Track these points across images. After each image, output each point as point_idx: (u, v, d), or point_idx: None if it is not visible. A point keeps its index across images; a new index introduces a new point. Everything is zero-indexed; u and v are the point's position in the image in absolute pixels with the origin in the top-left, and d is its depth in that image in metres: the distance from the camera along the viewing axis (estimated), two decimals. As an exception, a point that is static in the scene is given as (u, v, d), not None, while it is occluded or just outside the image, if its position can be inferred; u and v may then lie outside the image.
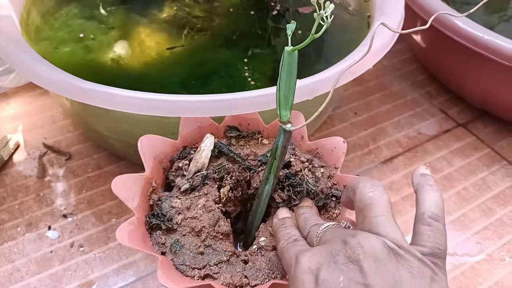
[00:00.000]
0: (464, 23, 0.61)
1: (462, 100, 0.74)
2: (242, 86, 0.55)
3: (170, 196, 0.39)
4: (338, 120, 0.70)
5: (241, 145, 0.44)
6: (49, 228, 0.53)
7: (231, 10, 0.67)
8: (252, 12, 0.66)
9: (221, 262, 0.36)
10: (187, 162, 0.41)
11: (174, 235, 0.37)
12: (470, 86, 0.70)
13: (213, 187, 0.40)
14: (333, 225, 0.33)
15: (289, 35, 0.31)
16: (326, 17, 0.28)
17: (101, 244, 0.52)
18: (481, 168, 0.64)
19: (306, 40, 0.30)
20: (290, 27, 0.31)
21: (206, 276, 0.35)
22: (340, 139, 0.43)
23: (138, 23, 0.65)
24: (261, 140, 0.45)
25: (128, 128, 0.51)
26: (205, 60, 0.59)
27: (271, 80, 0.55)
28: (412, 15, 0.68)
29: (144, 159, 0.40)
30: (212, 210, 0.38)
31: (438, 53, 0.72)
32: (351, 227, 0.34)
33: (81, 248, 0.51)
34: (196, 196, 0.39)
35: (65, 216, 0.54)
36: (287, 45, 0.32)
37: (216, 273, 0.35)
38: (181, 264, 0.35)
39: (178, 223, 0.37)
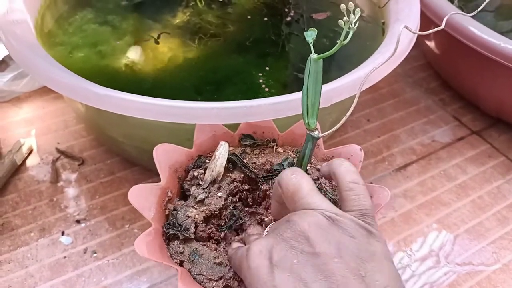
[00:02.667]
0: (479, 30, 0.61)
1: (476, 108, 0.74)
2: (256, 92, 0.54)
3: (186, 206, 0.39)
4: (351, 127, 0.69)
5: (256, 153, 0.43)
6: (63, 233, 0.53)
7: (245, 16, 0.67)
8: (265, 19, 0.66)
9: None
10: (202, 171, 0.41)
11: (192, 244, 0.37)
12: (484, 94, 0.69)
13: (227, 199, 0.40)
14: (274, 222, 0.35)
15: (311, 43, 0.31)
16: (354, 23, 0.28)
17: (115, 250, 0.51)
18: (496, 177, 0.64)
19: (335, 47, 0.30)
20: (311, 35, 0.31)
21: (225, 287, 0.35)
22: (356, 147, 0.43)
23: (152, 28, 0.65)
24: (276, 149, 0.44)
25: (143, 134, 0.51)
26: (219, 66, 0.59)
27: (286, 87, 0.55)
28: (426, 21, 0.67)
29: (159, 168, 0.40)
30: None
31: (451, 60, 0.72)
32: None
33: (95, 254, 0.51)
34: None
35: (78, 221, 0.54)
36: (309, 52, 0.32)
37: (236, 285, 0.35)
38: (199, 274, 0.35)
39: (195, 232, 0.37)
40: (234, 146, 0.44)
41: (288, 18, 0.66)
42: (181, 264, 0.36)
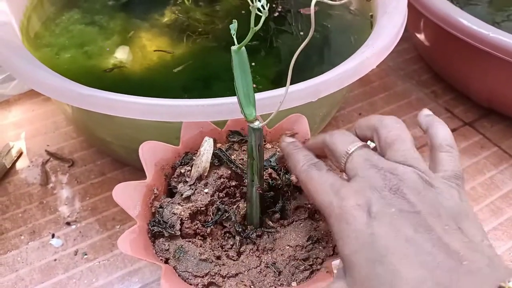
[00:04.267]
0: (469, 21, 0.60)
1: (468, 99, 0.73)
2: (244, 89, 0.54)
3: (172, 203, 0.38)
4: (342, 121, 0.69)
5: (244, 150, 0.43)
6: (53, 236, 0.52)
7: (232, 12, 0.66)
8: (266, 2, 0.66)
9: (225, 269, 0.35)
10: (189, 168, 0.40)
11: (178, 241, 0.36)
12: (476, 85, 0.69)
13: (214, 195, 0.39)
14: (362, 145, 0.33)
15: (233, 34, 0.30)
16: (263, 7, 0.28)
17: (106, 252, 0.51)
18: (489, 167, 0.63)
19: (248, 35, 0.29)
20: (233, 27, 0.31)
21: (210, 284, 0.34)
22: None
23: (139, 27, 0.64)
24: (264, 145, 0.44)
25: (131, 134, 0.50)
26: (207, 64, 0.59)
27: (274, 82, 0.55)
28: (415, 14, 0.67)
29: (145, 166, 0.39)
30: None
31: (442, 51, 0.72)
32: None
33: (85, 256, 0.51)
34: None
35: (68, 223, 0.54)
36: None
37: (221, 281, 0.34)
38: (184, 271, 0.34)
39: (180, 229, 0.36)
40: (222, 143, 0.44)
41: (276, 14, 0.66)
42: (166, 261, 0.35)
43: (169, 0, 0.69)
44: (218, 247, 0.38)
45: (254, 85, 0.54)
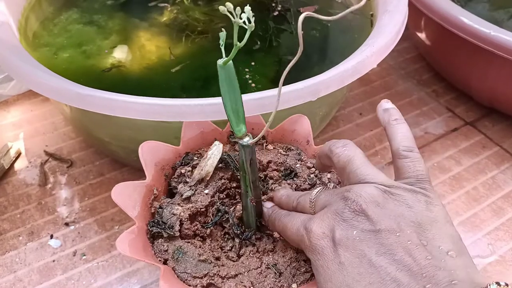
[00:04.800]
0: (470, 19, 0.60)
1: (469, 98, 0.73)
2: (243, 88, 0.53)
3: (172, 203, 0.38)
4: (343, 121, 0.68)
5: None
6: (51, 236, 0.52)
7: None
8: (252, 14, 0.65)
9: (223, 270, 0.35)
10: (189, 168, 0.40)
11: (177, 241, 0.36)
12: (477, 84, 0.68)
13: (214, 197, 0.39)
14: (322, 188, 0.34)
15: (222, 46, 0.29)
16: (249, 20, 0.27)
17: (104, 252, 0.51)
18: (490, 167, 0.63)
19: (233, 50, 0.28)
20: (222, 36, 0.30)
21: (209, 285, 0.34)
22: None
23: (138, 27, 0.64)
24: (266, 146, 0.44)
25: (130, 134, 0.50)
26: (206, 63, 0.58)
27: (273, 82, 0.54)
28: (416, 12, 0.66)
29: (145, 166, 0.39)
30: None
31: (443, 50, 0.71)
32: (337, 186, 0.38)
33: (84, 257, 0.50)
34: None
35: (67, 224, 0.53)
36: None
37: (221, 282, 0.34)
38: (183, 272, 0.34)
39: (180, 230, 0.36)
40: (223, 143, 0.43)
41: (275, 13, 0.66)
42: (165, 262, 0.35)
43: (168, -1, 0.68)
44: (218, 248, 0.37)
45: (253, 85, 0.53)
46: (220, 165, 0.40)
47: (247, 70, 0.56)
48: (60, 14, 0.64)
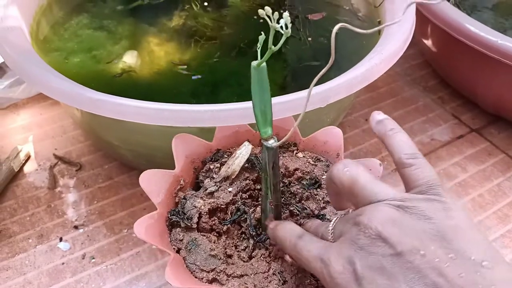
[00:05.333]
0: (477, 27, 0.60)
1: (475, 105, 0.73)
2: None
3: (195, 196, 0.39)
4: (349, 127, 0.69)
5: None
6: (61, 239, 0.53)
7: (240, 18, 0.67)
8: (261, 20, 0.66)
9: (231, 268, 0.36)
10: (218, 165, 0.41)
11: (193, 233, 0.37)
12: (483, 91, 0.69)
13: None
14: (338, 217, 0.33)
15: (259, 49, 0.30)
16: (286, 26, 0.27)
17: (113, 255, 0.51)
18: (496, 174, 0.63)
19: (266, 54, 0.29)
20: (260, 40, 0.30)
21: (213, 280, 0.35)
22: (376, 162, 0.40)
23: (147, 32, 0.65)
24: (296, 153, 0.44)
25: (139, 138, 0.51)
26: (215, 69, 0.59)
27: (282, 88, 0.55)
28: (423, 19, 0.67)
29: (176, 156, 0.40)
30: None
31: (449, 58, 0.72)
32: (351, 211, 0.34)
33: (93, 260, 0.51)
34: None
35: (76, 227, 0.54)
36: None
37: (225, 279, 0.35)
38: (192, 263, 0.35)
39: (198, 223, 0.37)
40: (256, 145, 0.44)
41: (284, 19, 0.66)
42: (178, 251, 0.36)
43: (177, 5, 0.69)
44: (232, 246, 0.38)
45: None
46: (247, 165, 0.41)
47: (255, 75, 0.56)
48: (71, 19, 0.65)
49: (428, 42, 0.74)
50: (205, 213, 0.38)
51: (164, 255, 0.51)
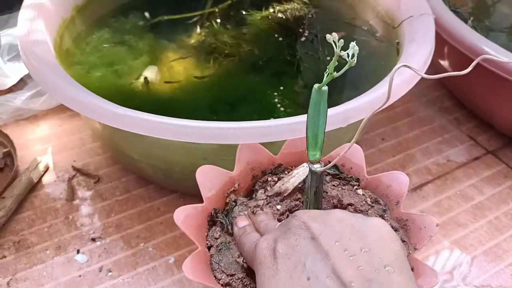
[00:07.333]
0: (494, 50, 0.60)
1: (491, 127, 0.73)
2: (271, 112, 0.55)
3: (245, 204, 0.40)
4: (365, 146, 0.69)
5: (333, 185, 0.42)
6: (78, 251, 0.53)
7: (259, 36, 0.67)
8: (280, 39, 0.67)
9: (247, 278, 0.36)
10: (276, 179, 0.42)
11: (229, 237, 0.38)
12: (499, 113, 0.69)
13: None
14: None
15: (326, 72, 0.31)
16: (353, 55, 0.28)
17: (130, 269, 0.51)
18: (512, 197, 0.63)
19: (326, 78, 0.29)
20: (331, 66, 0.31)
21: (227, 285, 0.35)
22: (433, 221, 0.38)
23: (167, 48, 0.66)
24: (356, 189, 0.42)
25: (159, 153, 0.51)
26: (234, 86, 0.60)
27: (301, 106, 0.55)
28: (440, 41, 0.67)
29: (237, 160, 0.42)
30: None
31: (466, 79, 0.71)
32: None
33: (110, 273, 0.51)
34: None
35: (93, 239, 0.54)
36: (324, 72, 0.31)
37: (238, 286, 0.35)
38: (216, 263, 0.36)
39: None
40: None
41: (303, 38, 0.67)
42: (209, 248, 0.37)
43: (197, 22, 0.70)
44: None
45: (282, 109, 0.54)
46: (301, 186, 0.41)
47: (275, 94, 0.57)
48: (92, 33, 0.66)
49: (445, 63, 0.74)
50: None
51: (180, 270, 0.51)
